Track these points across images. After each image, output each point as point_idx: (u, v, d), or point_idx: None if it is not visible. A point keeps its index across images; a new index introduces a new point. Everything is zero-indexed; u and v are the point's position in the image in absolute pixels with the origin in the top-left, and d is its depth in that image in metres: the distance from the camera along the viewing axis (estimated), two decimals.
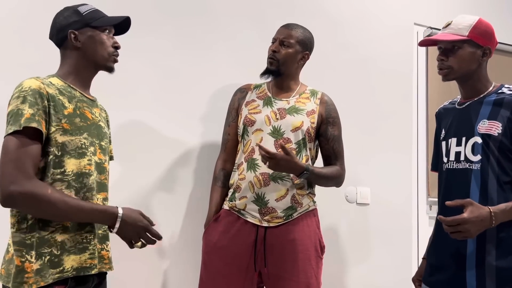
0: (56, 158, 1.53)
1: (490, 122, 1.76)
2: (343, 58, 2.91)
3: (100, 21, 1.69)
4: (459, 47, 1.81)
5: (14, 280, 1.45)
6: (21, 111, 1.48)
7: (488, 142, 1.75)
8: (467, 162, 1.79)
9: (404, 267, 2.93)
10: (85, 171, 1.59)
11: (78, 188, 1.57)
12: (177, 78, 2.52)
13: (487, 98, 1.81)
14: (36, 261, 1.47)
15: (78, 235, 1.56)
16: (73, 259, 1.53)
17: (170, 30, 2.53)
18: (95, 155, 1.64)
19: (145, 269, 2.37)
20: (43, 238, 1.49)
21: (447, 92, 3.00)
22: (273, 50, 2.20)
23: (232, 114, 2.30)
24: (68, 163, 1.55)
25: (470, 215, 1.59)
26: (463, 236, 1.62)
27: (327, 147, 2.25)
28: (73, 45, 1.66)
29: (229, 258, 2.11)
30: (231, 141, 2.28)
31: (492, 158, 1.74)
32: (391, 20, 3.07)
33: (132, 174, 2.36)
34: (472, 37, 1.79)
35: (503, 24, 3.36)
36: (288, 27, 2.24)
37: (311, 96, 2.27)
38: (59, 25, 1.67)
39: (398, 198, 2.95)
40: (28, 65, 2.12)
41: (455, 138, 1.86)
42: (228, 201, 2.19)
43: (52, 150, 1.53)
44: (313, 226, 2.17)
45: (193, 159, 2.51)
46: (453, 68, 1.82)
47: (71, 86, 1.65)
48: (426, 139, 3.10)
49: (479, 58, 1.81)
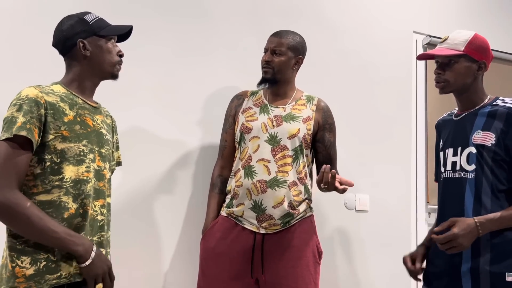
0: (54, 165, 1.55)
1: (484, 133, 1.82)
2: (343, 66, 2.93)
3: (107, 30, 1.72)
4: (455, 61, 1.88)
5: (6, 284, 1.46)
6: (15, 119, 1.50)
7: (482, 152, 1.80)
8: (462, 171, 1.85)
9: (402, 274, 2.91)
10: (83, 178, 1.60)
11: (76, 195, 1.57)
12: (176, 82, 2.53)
13: (481, 110, 1.87)
14: (31, 267, 1.47)
15: None
16: (70, 264, 1.53)
17: (169, 35, 2.55)
18: (94, 162, 1.65)
19: (143, 274, 2.37)
20: (40, 243, 1.50)
21: (446, 100, 3.00)
22: (266, 60, 2.22)
23: (229, 120, 2.31)
24: (67, 170, 1.56)
25: (458, 229, 1.71)
26: (458, 250, 1.73)
27: (324, 153, 2.27)
28: (81, 54, 1.68)
29: (227, 265, 2.11)
30: (228, 148, 2.29)
31: (486, 168, 1.79)
32: (391, 28, 3.09)
33: (131, 178, 2.37)
34: (468, 52, 1.86)
35: (501, 32, 3.39)
36: (277, 35, 2.24)
37: (307, 102, 2.28)
38: (66, 33, 1.68)
39: (397, 205, 2.96)
40: (29, 71, 2.14)
41: (451, 149, 1.92)
42: (225, 208, 2.20)
43: (49, 157, 1.54)
44: (310, 232, 2.18)
45: (192, 164, 2.52)
46: (450, 82, 1.89)
47: (74, 94, 1.67)
48: (425, 146, 3.11)
49: (475, 72, 1.88)
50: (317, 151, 2.28)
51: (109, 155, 1.75)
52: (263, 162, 2.13)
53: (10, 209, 1.45)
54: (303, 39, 2.30)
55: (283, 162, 2.14)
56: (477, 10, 3.40)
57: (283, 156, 2.14)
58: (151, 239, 2.41)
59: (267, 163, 2.13)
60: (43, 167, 1.54)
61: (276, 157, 2.13)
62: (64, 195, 1.55)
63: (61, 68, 1.74)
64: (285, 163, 2.14)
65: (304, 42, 2.30)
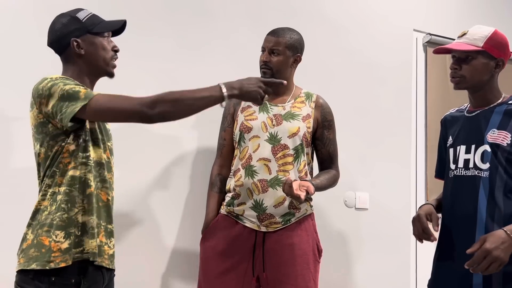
0: (83, 142, 1.59)
1: (499, 132, 1.78)
2: (343, 63, 2.93)
3: (100, 27, 1.71)
4: (473, 57, 1.82)
5: (42, 260, 1.49)
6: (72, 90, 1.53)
7: (496, 151, 1.76)
8: (476, 170, 1.80)
9: (402, 272, 2.94)
10: (102, 162, 1.65)
11: (95, 176, 1.61)
12: (174, 79, 2.52)
13: (497, 108, 1.83)
14: (65, 240, 1.51)
15: (91, 219, 1.58)
16: (91, 242, 1.57)
17: (167, 32, 2.54)
18: (105, 153, 1.68)
19: (143, 271, 2.37)
20: (71, 218, 1.54)
21: (446, 98, 3.02)
22: (264, 60, 2.19)
23: (228, 119, 2.29)
24: (91, 150, 1.61)
25: (490, 244, 1.61)
26: (498, 265, 1.61)
27: (323, 150, 2.27)
28: (75, 53, 1.68)
29: (228, 263, 2.11)
30: (227, 147, 2.28)
31: (500, 167, 1.76)
32: (391, 26, 3.09)
33: (127, 176, 2.35)
34: (487, 48, 1.81)
35: (502, 30, 3.38)
36: (274, 34, 2.21)
37: (306, 99, 2.27)
38: (59, 33, 1.68)
39: (396, 203, 2.96)
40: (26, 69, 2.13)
41: (464, 146, 1.86)
42: (225, 206, 2.19)
43: (83, 135, 1.59)
44: (310, 230, 2.19)
45: (190, 162, 2.52)
46: (466, 78, 1.84)
47: None
48: (425, 144, 3.11)
49: (492, 69, 1.83)
50: (317, 149, 2.28)
51: (113, 149, 1.77)
52: (264, 161, 2.13)
53: (166, 102, 1.52)
54: (300, 36, 2.27)
55: (284, 161, 2.13)
56: (477, 8, 3.39)
57: (284, 155, 2.14)
58: (150, 238, 2.41)
59: (267, 162, 2.13)
60: (77, 143, 1.58)
61: (277, 156, 2.12)
62: (88, 173, 1.59)
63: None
64: (286, 162, 2.14)
65: (301, 39, 2.27)
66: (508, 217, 1.72)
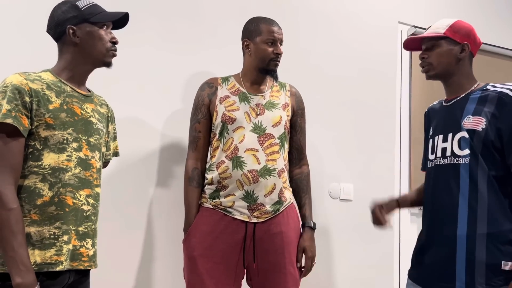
0: (36, 151, 1.55)
1: (474, 118, 1.80)
2: (327, 55, 2.94)
3: (99, 17, 1.68)
4: (437, 44, 1.90)
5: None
6: (0, 107, 1.49)
7: (473, 137, 1.78)
8: (455, 157, 1.82)
9: (385, 263, 2.97)
10: (62, 166, 1.59)
11: (53, 183, 1.56)
12: (163, 73, 2.52)
13: (472, 95, 1.85)
14: None
15: (46, 230, 1.54)
16: (37, 254, 1.52)
17: (156, 25, 2.53)
18: (80, 151, 1.64)
19: (130, 269, 2.37)
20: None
21: (430, 89, 3.04)
22: (280, 53, 2.18)
23: (202, 110, 2.21)
24: (46, 157, 1.56)
25: None
26: None
27: (295, 138, 2.30)
28: (71, 41, 1.66)
29: (218, 257, 2.07)
30: (202, 139, 2.22)
31: (478, 153, 1.77)
32: (376, 18, 3.10)
33: (115, 170, 2.35)
34: (448, 34, 1.88)
35: (487, 24, 3.41)
36: (277, 24, 2.21)
37: (281, 88, 2.30)
38: (57, 19, 1.67)
39: (381, 194, 2.92)
40: (26, 59, 2.11)
41: (441, 135, 1.89)
42: (209, 199, 2.14)
43: (33, 144, 1.54)
44: (295, 219, 2.21)
45: (176, 157, 2.51)
46: (433, 65, 1.91)
47: (62, 81, 1.65)
48: (409, 136, 3.14)
49: (457, 54, 1.88)
50: (290, 137, 2.30)
51: (99, 144, 1.73)
52: (252, 151, 2.12)
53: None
54: None
55: (271, 151, 2.14)
56: (462, 1, 3.42)
57: (270, 144, 2.14)
58: (135, 235, 2.41)
59: (255, 152, 2.12)
60: (26, 153, 1.54)
61: (264, 145, 2.13)
62: (40, 182, 1.54)
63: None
64: (273, 151, 2.14)
65: None
66: (493, 210, 1.73)
